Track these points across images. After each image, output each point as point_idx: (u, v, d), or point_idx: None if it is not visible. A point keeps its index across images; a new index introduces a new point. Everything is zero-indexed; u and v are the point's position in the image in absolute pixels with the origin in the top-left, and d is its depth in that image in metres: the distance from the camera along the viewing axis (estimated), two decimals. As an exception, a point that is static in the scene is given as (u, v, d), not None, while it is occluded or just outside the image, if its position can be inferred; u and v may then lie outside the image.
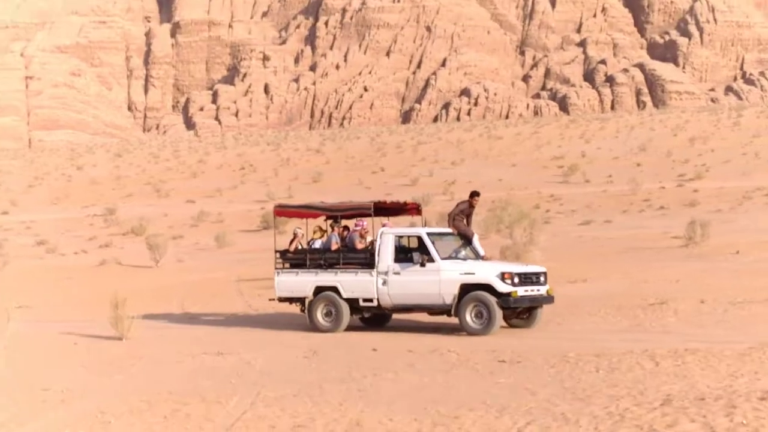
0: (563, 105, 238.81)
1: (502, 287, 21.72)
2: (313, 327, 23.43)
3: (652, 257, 31.93)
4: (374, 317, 24.58)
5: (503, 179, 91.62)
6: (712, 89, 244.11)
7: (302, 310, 24.21)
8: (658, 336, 20.02)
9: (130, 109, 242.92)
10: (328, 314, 23.48)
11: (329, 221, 25.15)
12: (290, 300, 24.44)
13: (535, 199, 74.98)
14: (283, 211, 26.25)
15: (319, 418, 13.21)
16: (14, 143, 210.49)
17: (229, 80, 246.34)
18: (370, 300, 23.12)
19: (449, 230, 23.70)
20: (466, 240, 23.61)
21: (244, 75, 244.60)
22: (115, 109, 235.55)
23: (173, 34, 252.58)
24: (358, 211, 24.73)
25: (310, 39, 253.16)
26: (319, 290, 23.64)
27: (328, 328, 23.28)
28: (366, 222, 24.57)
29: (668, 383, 14.63)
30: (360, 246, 23.67)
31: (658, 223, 48.19)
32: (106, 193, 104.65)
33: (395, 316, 24.72)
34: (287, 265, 24.42)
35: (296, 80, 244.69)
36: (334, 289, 23.42)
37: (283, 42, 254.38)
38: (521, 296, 21.88)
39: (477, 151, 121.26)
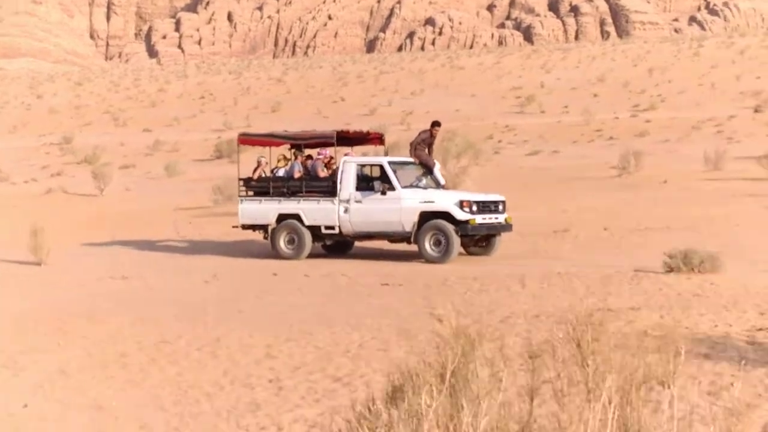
0: (528, 35, 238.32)
1: (461, 215, 22.05)
2: (276, 254, 23.66)
3: (583, 187, 32.60)
4: (336, 245, 24.77)
5: (461, 110, 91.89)
6: (676, 19, 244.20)
7: (265, 238, 24.46)
8: (546, 261, 21.01)
9: (92, 37, 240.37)
10: (290, 242, 23.73)
11: (293, 150, 25.42)
12: (253, 227, 24.66)
13: (490, 130, 75.42)
14: (247, 139, 26.58)
15: (186, 335, 13.80)
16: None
17: (192, 8, 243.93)
18: (332, 228, 23.38)
19: (411, 159, 23.97)
20: (428, 169, 23.87)
21: (207, 3, 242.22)
22: (77, 37, 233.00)
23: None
24: (320, 140, 25.05)
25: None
26: (281, 218, 23.92)
27: (290, 255, 23.52)
28: (328, 151, 24.88)
29: (520, 303, 15.43)
30: (322, 174, 23.97)
31: (604, 154, 48.82)
32: (64, 122, 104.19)
33: (357, 243, 24.91)
34: (251, 193, 24.75)
35: (260, 8, 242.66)
36: (297, 217, 23.71)
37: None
38: (479, 224, 22.25)
39: (438, 81, 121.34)
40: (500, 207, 22.96)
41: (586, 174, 38.74)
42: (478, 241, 23.31)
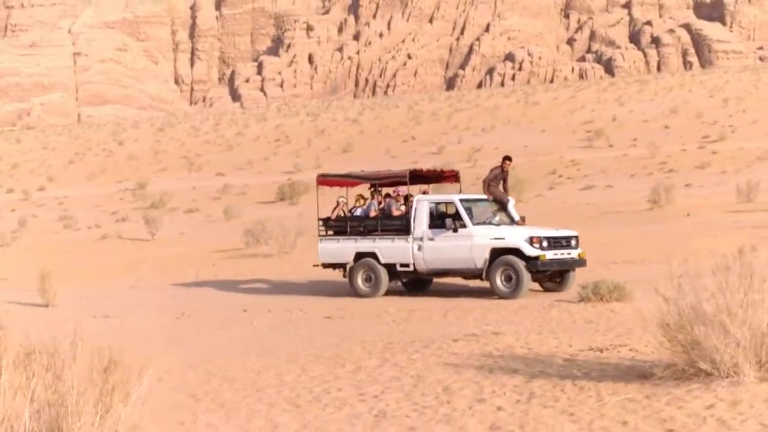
0: (609, 67, 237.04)
1: (531, 251, 22.19)
2: (355, 292, 24.09)
3: (612, 221, 32.63)
4: (414, 282, 25.05)
5: (529, 145, 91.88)
6: (761, 47, 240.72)
7: (344, 276, 24.88)
8: (488, 295, 22.35)
9: (176, 82, 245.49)
10: (367, 279, 24.13)
11: (371, 189, 25.86)
12: (333, 266, 25.13)
13: (555, 164, 75.47)
14: (325, 180, 26.92)
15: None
16: (63, 119, 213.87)
17: (273, 51, 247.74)
18: (407, 265, 23.71)
19: (484, 196, 24.21)
20: (501, 205, 24.10)
21: (289, 46, 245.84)
22: (162, 83, 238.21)
23: (218, 7, 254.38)
24: (395, 179, 25.60)
25: (353, 8, 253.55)
26: (359, 256, 24.31)
27: (367, 293, 23.91)
28: (404, 189, 25.21)
29: (416, 331, 16.36)
30: (396, 213, 24.41)
31: (672, 186, 48.57)
32: (142, 168, 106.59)
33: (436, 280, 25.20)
34: (330, 232, 25.24)
35: (340, 50, 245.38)
36: (373, 255, 24.07)
37: (327, 12, 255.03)
38: (549, 260, 22.35)
39: (510, 117, 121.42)
40: (572, 242, 23.14)
41: (623, 208, 38.76)
42: (552, 276, 23.42)
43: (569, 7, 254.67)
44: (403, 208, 24.53)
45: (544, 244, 22.34)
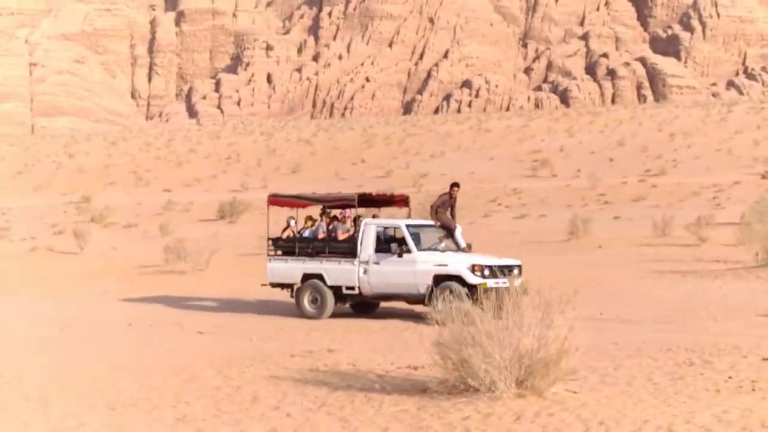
0: (564, 98, 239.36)
1: (472, 279, 22.33)
2: (301, 313, 24.21)
3: (527, 250, 33.14)
4: (360, 305, 25.15)
5: (475, 172, 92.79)
6: (714, 84, 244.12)
7: (291, 296, 25.02)
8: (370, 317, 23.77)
9: (133, 96, 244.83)
10: (314, 301, 24.24)
11: (321, 212, 26.05)
12: (281, 286, 25.29)
13: (498, 192, 76.26)
14: (276, 200, 27.01)
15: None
16: (18, 129, 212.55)
17: (232, 69, 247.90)
18: (353, 288, 23.86)
19: (432, 222, 24.38)
20: (449, 232, 24.24)
21: (247, 64, 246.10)
22: (118, 97, 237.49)
23: (177, 23, 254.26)
24: (344, 202, 25.68)
25: (314, 29, 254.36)
26: (306, 277, 24.43)
27: (313, 315, 24.00)
28: (350, 212, 25.44)
29: (268, 347, 17.46)
30: (342, 236, 24.61)
31: (591, 218, 49.35)
32: (90, 182, 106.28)
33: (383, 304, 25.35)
34: (279, 252, 25.38)
35: (299, 70, 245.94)
36: (320, 277, 24.21)
37: (287, 32, 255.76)
38: (491, 287, 22.01)
39: (461, 143, 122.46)
40: (515, 271, 23.24)
41: (545, 238, 39.48)
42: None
43: (527, 36, 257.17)
44: (351, 230, 24.76)
45: (486, 272, 22.51)
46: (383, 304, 25.30)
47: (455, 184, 25.16)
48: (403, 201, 26.89)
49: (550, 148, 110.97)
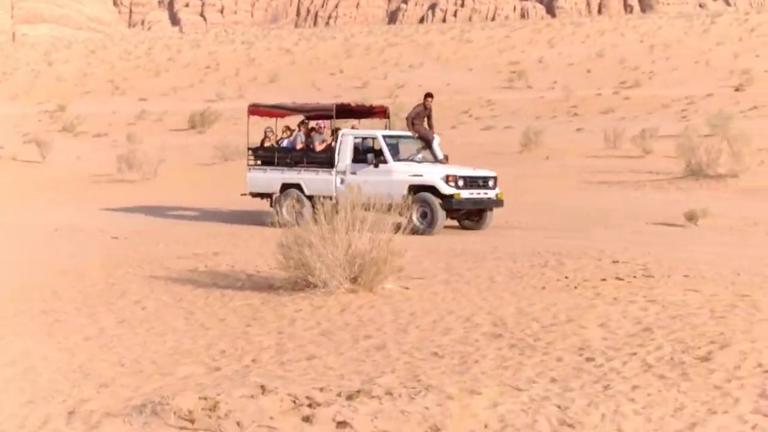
0: (550, 8, 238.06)
1: (446, 189, 22.58)
2: (281, 222, 24.49)
3: (483, 162, 33.35)
4: None
5: (452, 83, 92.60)
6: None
7: (271, 206, 25.16)
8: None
9: (115, 4, 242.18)
10: (292, 209, 24.42)
11: (300, 122, 26.26)
12: (260, 195, 25.60)
13: (471, 104, 76.28)
14: (256, 110, 27.08)
15: None
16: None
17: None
18: (330, 198, 23.16)
19: (410, 133, 24.44)
20: (427, 143, 24.37)
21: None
22: (100, 4, 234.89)
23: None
24: (322, 113, 25.78)
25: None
26: (285, 187, 24.73)
27: (291, 223, 24.18)
28: (326, 123, 25.53)
29: (160, 251, 18.07)
30: (319, 147, 24.72)
31: (555, 130, 49.74)
32: (67, 90, 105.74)
33: None
34: (258, 162, 25.68)
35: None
36: (298, 186, 24.51)
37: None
38: (464, 198, 22.78)
39: (441, 54, 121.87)
40: (490, 182, 23.46)
41: (502, 150, 39.81)
42: (470, 214, 23.80)
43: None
44: (327, 141, 24.81)
45: (460, 183, 22.74)
46: None
47: (429, 95, 25.14)
48: (382, 112, 26.92)
49: (529, 59, 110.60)
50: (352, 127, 25.58)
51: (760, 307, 10.68)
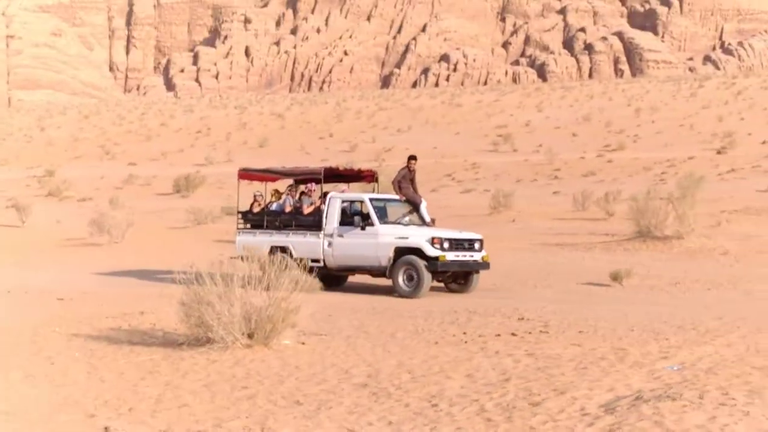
0: (542, 72, 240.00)
1: (431, 251, 22.53)
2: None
3: (449, 224, 33.94)
4: (329, 278, 25.03)
5: (438, 147, 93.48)
6: (691, 59, 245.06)
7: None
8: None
9: (111, 69, 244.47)
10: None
11: (289, 185, 26.51)
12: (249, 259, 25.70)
13: (456, 167, 77.02)
14: (246, 174, 27.37)
15: None
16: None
17: (210, 42, 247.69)
18: (318, 261, 24.00)
19: (397, 197, 24.52)
20: (414, 206, 24.51)
21: (226, 37, 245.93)
22: (96, 70, 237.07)
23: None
24: (310, 177, 26.07)
25: (292, 2, 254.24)
26: (273, 250, 24.45)
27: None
28: (314, 186, 25.69)
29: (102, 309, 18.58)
30: (306, 210, 24.94)
31: (531, 192, 50.33)
32: (58, 155, 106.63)
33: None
34: (248, 225, 25.85)
35: (277, 43, 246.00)
36: (286, 250, 24.38)
37: (265, 5, 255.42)
38: (450, 261, 22.68)
39: (429, 118, 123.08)
40: (476, 245, 23.50)
41: (471, 212, 40.33)
42: (456, 277, 23.82)
43: (505, 10, 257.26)
44: (315, 204, 25.01)
45: (445, 245, 22.79)
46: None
47: (412, 157, 25.34)
48: (370, 176, 27.10)
49: (517, 122, 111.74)
50: (342, 192, 25.69)
51: (624, 360, 11.34)
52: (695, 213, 28.95)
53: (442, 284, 23.98)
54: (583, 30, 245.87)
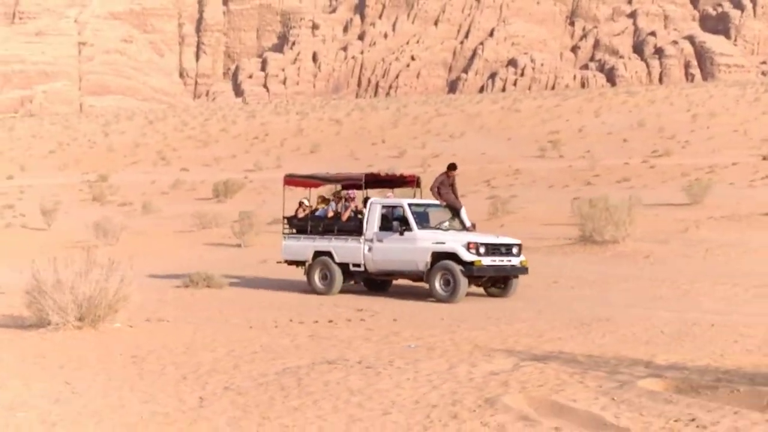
0: (611, 77, 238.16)
1: (467, 256, 22.76)
2: (311, 288, 25.01)
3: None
4: (373, 282, 25.66)
5: (487, 153, 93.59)
6: (764, 62, 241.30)
7: (305, 273, 25.76)
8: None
9: (181, 75, 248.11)
10: (324, 277, 24.99)
11: (342, 191, 26.76)
12: (295, 263, 26.23)
13: (497, 173, 77.12)
14: (291, 180, 27.94)
15: None
16: (66, 108, 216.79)
17: (278, 48, 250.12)
18: (359, 265, 24.56)
19: (437, 202, 24.80)
20: (454, 211, 24.72)
21: (293, 43, 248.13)
22: (166, 76, 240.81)
23: (225, 2, 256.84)
24: (352, 182, 26.58)
25: (360, 8, 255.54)
26: (317, 254, 25.28)
27: (323, 291, 24.80)
28: (354, 193, 26.11)
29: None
30: (344, 216, 25.41)
31: (556, 197, 50.38)
32: (116, 160, 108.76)
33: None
34: (293, 230, 26.42)
35: (344, 49, 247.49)
36: (329, 254, 25.04)
37: (333, 11, 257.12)
38: (485, 266, 22.85)
39: (485, 123, 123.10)
40: (513, 250, 23.66)
41: (472, 217, 40.59)
42: (496, 281, 24.02)
43: (574, 14, 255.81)
44: (352, 209, 25.41)
45: (481, 250, 22.94)
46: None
47: (451, 166, 25.62)
48: (413, 181, 27.25)
49: (570, 128, 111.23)
50: (386, 197, 26.12)
51: (370, 339, 13.64)
52: (662, 219, 29.11)
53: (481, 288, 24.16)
54: (653, 34, 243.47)
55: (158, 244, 35.09)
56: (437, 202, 24.92)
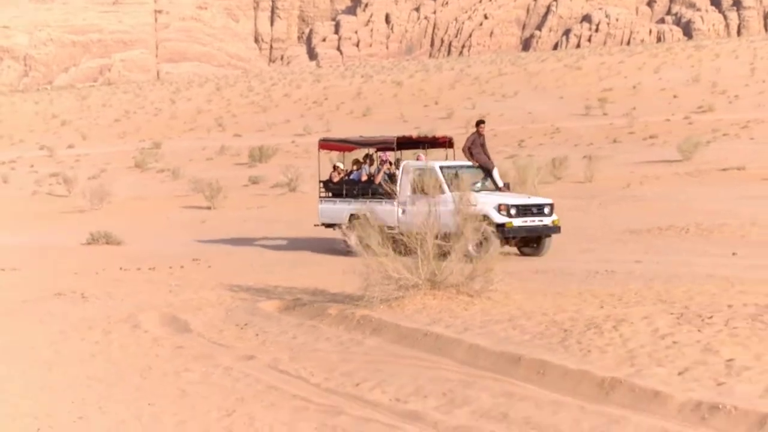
0: (687, 30, 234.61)
1: (498, 218, 23.05)
2: (348, 251, 24.89)
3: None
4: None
5: (533, 112, 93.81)
6: None
7: (342, 235, 25.70)
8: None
9: (256, 40, 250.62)
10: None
11: (372, 154, 27.71)
12: (331, 225, 26.70)
13: (536, 132, 77.55)
14: (326, 144, 28.58)
15: None
16: (143, 75, 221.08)
17: (351, 10, 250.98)
18: (393, 228, 24.25)
19: (470, 163, 24.86)
20: (487, 172, 24.80)
21: (366, 5, 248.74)
22: (241, 41, 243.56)
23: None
24: (384, 145, 27.10)
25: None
26: (352, 217, 25.45)
27: (360, 252, 25.84)
28: (388, 155, 26.79)
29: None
30: (377, 180, 26.01)
31: (569, 155, 50.88)
32: (176, 128, 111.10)
33: None
34: (329, 194, 27.09)
35: (417, 9, 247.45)
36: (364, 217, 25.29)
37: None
38: (517, 227, 23.13)
39: (541, 82, 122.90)
40: (545, 210, 23.80)
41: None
42: (528, 241, 24.15)
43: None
44: (382, 171, 25.97)
45: (512, 211, 23.20)
46: None
47: (480, 121, 25.61)
48: (446, 142, 27.61)
49: (625, 85, 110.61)
50: (417, 158, 26.64)
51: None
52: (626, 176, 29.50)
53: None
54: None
55: (137, 208, 37.09)
56: (470, 163, 25.03)
